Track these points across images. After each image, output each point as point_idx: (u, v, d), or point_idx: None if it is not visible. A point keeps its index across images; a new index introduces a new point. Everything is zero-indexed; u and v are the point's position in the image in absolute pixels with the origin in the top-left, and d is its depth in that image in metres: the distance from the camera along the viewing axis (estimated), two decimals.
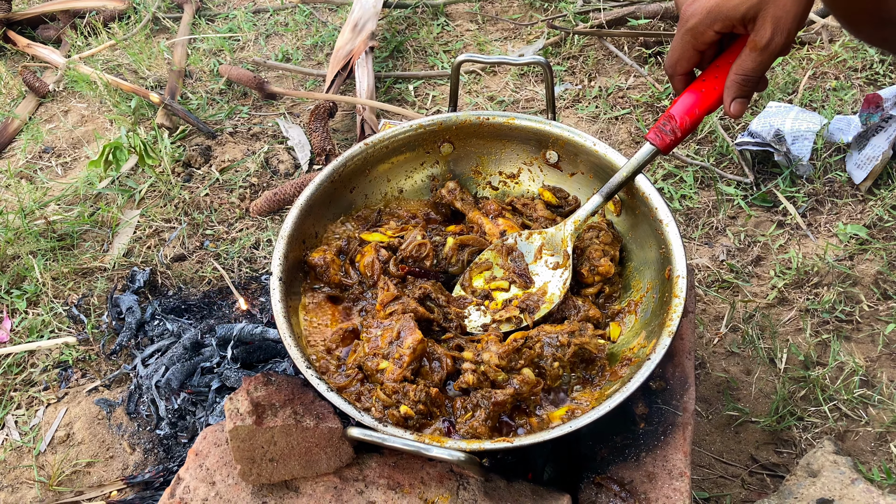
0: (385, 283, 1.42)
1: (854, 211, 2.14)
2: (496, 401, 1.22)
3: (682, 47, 1.13)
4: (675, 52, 1.15)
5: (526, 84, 2.73)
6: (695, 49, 1.13)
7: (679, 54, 1.15)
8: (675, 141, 1.24)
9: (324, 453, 1.19)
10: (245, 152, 2.53)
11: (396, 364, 1.25)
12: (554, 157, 1.59)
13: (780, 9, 1.01)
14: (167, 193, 2.38)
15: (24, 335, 2.01)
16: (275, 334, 1.79)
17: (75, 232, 2.27)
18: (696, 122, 1.21)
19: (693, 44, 1.12)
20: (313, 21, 3.12)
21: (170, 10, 3.30)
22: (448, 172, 1.65)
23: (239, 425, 1.13)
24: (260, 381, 1.21)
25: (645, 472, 1.25)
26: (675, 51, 1.15)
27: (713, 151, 2.35)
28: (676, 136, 1.23)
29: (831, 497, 1.37)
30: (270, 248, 2.18)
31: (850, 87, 2.49)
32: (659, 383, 1.38)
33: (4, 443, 1.79)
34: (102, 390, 1.87)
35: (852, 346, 1.85)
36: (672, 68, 1.18)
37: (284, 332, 1.26)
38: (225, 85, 2.82)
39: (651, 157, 1.30)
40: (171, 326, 1.93)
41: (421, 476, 1.21)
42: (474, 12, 3.09)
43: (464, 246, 1.50)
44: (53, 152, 2.65)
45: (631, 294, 1.45)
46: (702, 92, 1.18)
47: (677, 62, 1.16)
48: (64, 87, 2.94)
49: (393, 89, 2.77)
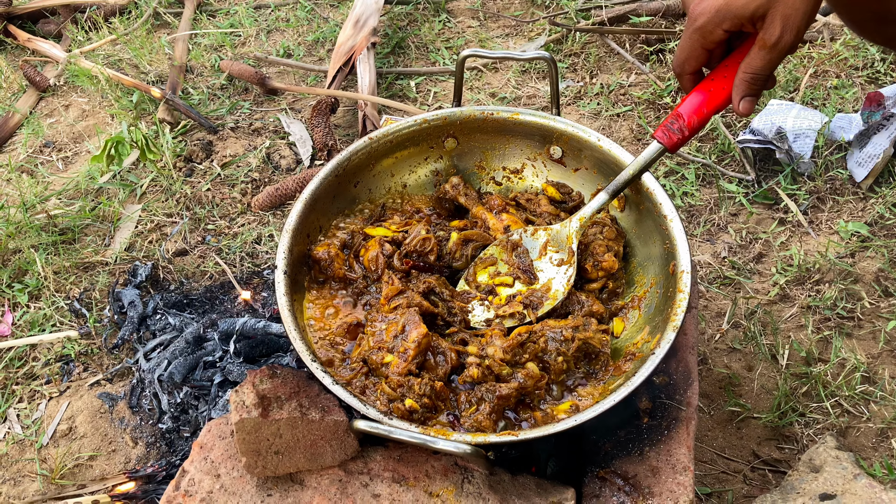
0: (389, 277, 1.42)
1: (855, 208, 2.14)
2: (501, 395, 1.23)
3: (690, 46, 1.13)
4: (683, 52, 1.15)
5: (528, 80, 2.73)
6: (703, 48, 1.13)
7: (687, 53, 1.15)
8: (683, 140, 1.24)
9: (329, 446, 1.19)
10: (246, 147, 2.53)
11: (401, 358, 1.25)
12: (558, 152, 1.59)
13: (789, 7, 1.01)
14: (169, 188, 2.37)
15: (26, 329, 2.01)
16: (277, 328, 1.79)
17: (77, 226, 2.27)
18: (704, 121, 1.21)
19: (701, 43, 1.12)
20: (315, 17, 3.12)
21: (171, 4, 3.29)
22: (452, 167, 1.65)
23: (245, 417, 1.13)
24: (265, 374, 1.21)
25: (648, 467, 1.25)
26: (683, 50, 1.15)
27: (715, 149, 2.36)
28: (684, 135, 1.23)
29: (833, 492, 1.38)
30: (272, 243, 2.18)
31: (851, 85, 2.49)
32: (662, 378, 1.38)
33: (7, 436, 1.79)
34: (105, 384, 1.87)
35: (854, 343, 1.85)
36: (680, 67, 1.18)
37: (289, 325, 1.27)
38: (226, 80, 2.81)
39: (658, 156, 1.30)
40: (173, 321, 1.93)
41: (426, 469, 1.22)
42: (476, 9, 3.08)
43: (468, 241, 1.50)
44: (54, 146, 2.65)
45: (635, 289, 1.45)
46: (710, 91, 1.18)
47: (685, 61, 1.16)
48: (65, 81, 2.93)
49: (394, 85, 2.77)
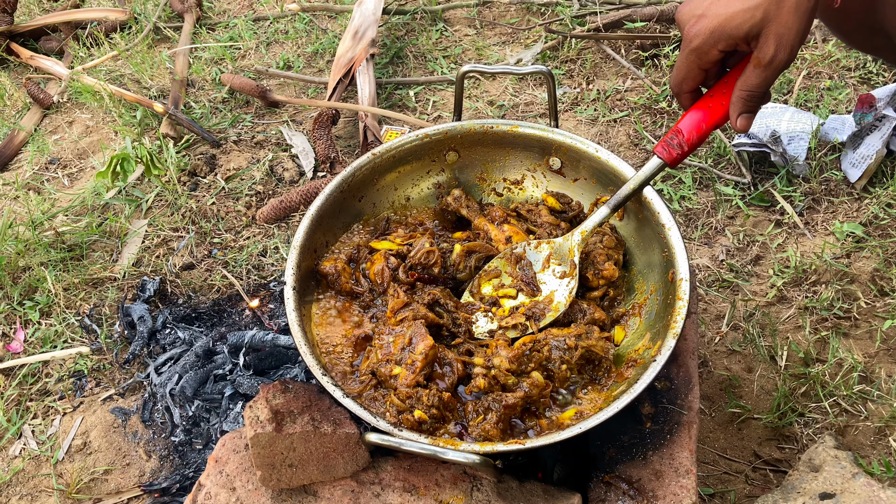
0: (395, 290, 1.46)
1: (850, 209, 2.18)
2: (507, 404, 1.26)
3: (686, 67, 1.17)
4: (680, 72, 1.19)
5: (525, 88, 2.76)
6: (699, 68, 1.17)
7: (684, 73, 1.19)
8: (682, 155, 1.28)
9: (341, 458, 1.23)
10: (250, 160, 2.57)
11: (409, 370, 1.29)
12: (557, 163, 1.63)
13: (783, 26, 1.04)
14: (174, 203, 2.41)
15: (38, 346, 2.04)
16: (285, 341, 1.83)
17: (84, 242, 2.31)
18: (704, 137, 1.25)
19: (698, 63, 1.15)
20: (313, 28, 3.15)
21: (170, 19, 3.33)
22: (454, 180, 1.69)
23: (259, 432, 1.17)
24: (278, 389, 1.25)
25: (652, 471, 1.29)
26: (680, 70, 1.19)
27: (711, 152, 2.39)
28: (683, 151, 1.27)
29: (833, 491, 1.41)
30: (278, 255, 2.22)
31: (844, 86, 2.53)
32: (664, 383, 1.41)
33: (22, 452, 1.82)
34: (117, 399, 1.90)
35: (851, 343, 1.89)
36: (678, 87, 1.22)
37: (300, 341, 1.30)
38: (228, 93, 2.85)
39: (658, 171, 1.34)
40: (182, 335, 1.97)
41: (435, 478, 1.25)
42: (472, 17, 3.12)
43: (471, 252, 1.54)
44: (59, 163, 2.68)
45: (635, 297, 1.49)
46: (709, 108, 1.22)
47: (683, 81, 1.20)
48: (68, 98, 2.97)
49: (394, 95, 2.80)
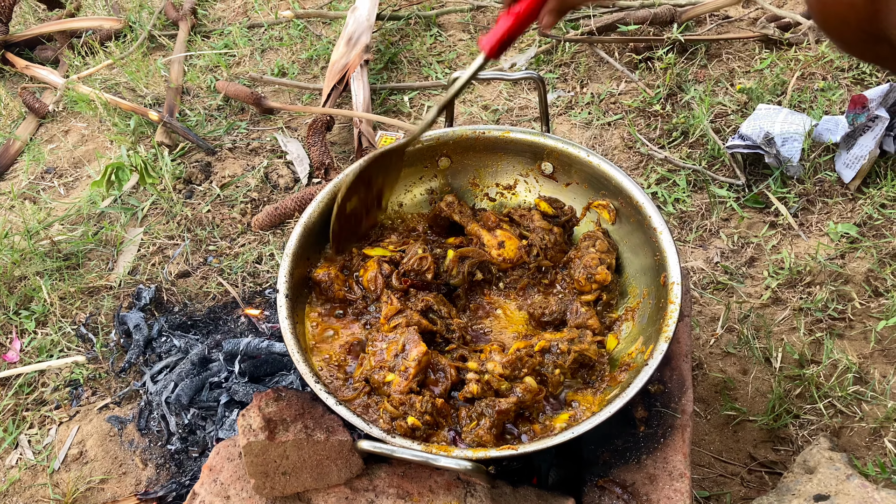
0: (388, 296, 1.46)
1: (844, 210, 2.18)
2: (500, 409, 1.26)
3: None
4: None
5: (519, 92, 2.77)
6: None
7: None
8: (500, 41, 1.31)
9: (335, 465, 1.23)
10: (245, 167, 2.57)
11: (402, 376, 1.29)
12: (549, 168, 1.64)
13: None
14: (169, 211, 2.41)
15: (34, 355, 2.04)
16: (280, 348, 1.83)
17: (80, 251, 2.31)
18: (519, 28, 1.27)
19: None
20: (308, 35, 3.16)
21: (165, 27, 3.34)
22: (446, 185, 1.69)
23: (252, 441, 1.17)
24: (271, 397, 1.25)
25: (646, 474, 1.29)
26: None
27: (705, 154, 2.40)
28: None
29: (827, 493, 1.41)
30: (273, 262, 2.22)
31: (837, 87, 2.53)
32: (657, 387, 1.42)
33: (19, 462, 1.82)
34: (113, 407, 1.90)
35: (845, 344, 1.89)
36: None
37: (293, 348, 1.30)
38: (223, 101, 2.85)
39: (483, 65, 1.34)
40: (178, 342, 1.97)
41: (429, 484, 1.25)
42: (466, 22, 3.13)
43: (464, 258, 1.54)
44: (55, 172, 2.69)
45: (628, 300, 1.49)
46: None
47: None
48: (63, 107, 2.97)
49: (388, 101, 2.81)
